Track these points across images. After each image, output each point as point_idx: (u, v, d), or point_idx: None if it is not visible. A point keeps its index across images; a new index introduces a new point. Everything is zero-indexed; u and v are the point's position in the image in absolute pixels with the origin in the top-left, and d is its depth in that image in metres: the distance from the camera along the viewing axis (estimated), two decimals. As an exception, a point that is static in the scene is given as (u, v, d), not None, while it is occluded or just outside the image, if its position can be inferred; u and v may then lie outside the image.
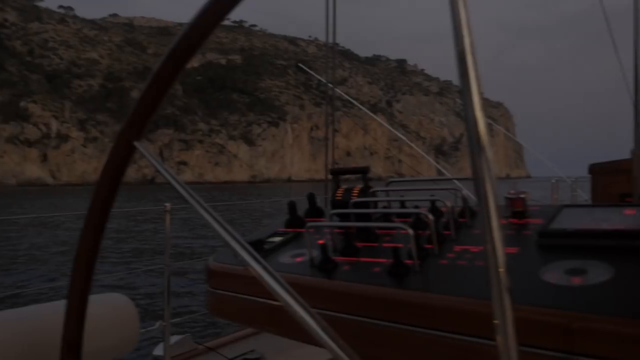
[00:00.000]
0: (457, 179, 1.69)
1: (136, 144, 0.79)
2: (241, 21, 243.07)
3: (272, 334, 1.23)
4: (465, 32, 0.58)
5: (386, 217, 1.42)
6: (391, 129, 7.35)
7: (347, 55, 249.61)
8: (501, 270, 0.61)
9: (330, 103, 6.26)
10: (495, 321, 0.63)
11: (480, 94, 0.60)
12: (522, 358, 0.71)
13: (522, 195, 1.29)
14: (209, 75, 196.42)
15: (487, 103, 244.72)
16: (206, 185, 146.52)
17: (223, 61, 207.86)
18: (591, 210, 1.19)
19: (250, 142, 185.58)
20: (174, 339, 3.48)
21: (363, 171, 1.52)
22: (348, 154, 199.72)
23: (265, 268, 0.75)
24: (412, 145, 7.60)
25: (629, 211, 1.14)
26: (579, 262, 0.95)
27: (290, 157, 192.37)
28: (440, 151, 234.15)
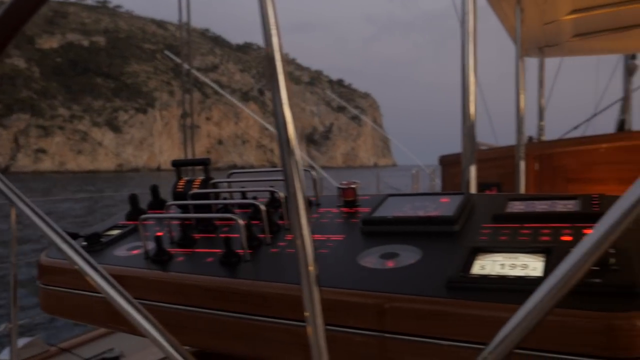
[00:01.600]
0: None
1: None
2: (105, 1, 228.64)
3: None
4: (273, 32, 0.60)
5: (226, 208, 1.42)
6: (256, 117, 7.96)
7: (219, 41, 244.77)
8: (311, 268, 0.67)
9: (187, 91, 6.61)
10: (306, 313, 0.69)
11: (291, 95, 0.63)
12: (341, 339, 0.86)
13: (353, 186, 1.33)
14: (69, 57, 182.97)
15: (355, 94, 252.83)
16: (67, 175, 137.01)
17: (85, 43, 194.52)
18: (412, 198, 1.25)
19: (116, 129, 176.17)
20: (22, 341, 3.23)
21: (204, 162, 1.51)
22: (220, 142, 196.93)
23: (87, 261, 0.79)
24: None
25: (444, 199, 1.20)
26: (393, 246, 1.02)
27: (159, 145, 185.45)
28: (311, 140, 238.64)
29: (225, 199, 1.46)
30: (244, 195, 1.45)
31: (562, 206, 1.11)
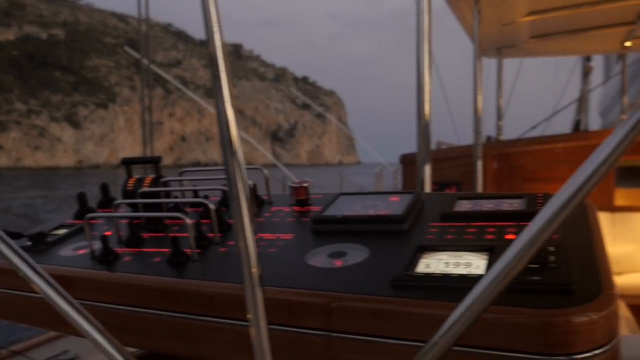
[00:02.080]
0: (249, 168, 1.58)
1: None
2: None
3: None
4: (215, 29, 0.60)
5: (178, 207, 1.40)
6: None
7: (182, 36, 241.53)
8: (254, 270, 0.67)
9: (147, 87, 6.57)
10: (249, 315, 0.68)
11: (233, 94, 0.61)
12: (288, 338, 0.85)
13: (305, 184, 1.32)
14: (26, 50, 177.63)
15: (320, 91, 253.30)
16: (25, 171, 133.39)
17: (44, 35, 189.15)
18: (364, 197, 1.26)
19: (75, 124, 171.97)
20: None
21: (154, 161, 1.49)
22: (183, 139, 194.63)
23: (25, 261, 0.78)
24: (242, 132, 8.56)
25: (394, 198, 1.21)
26: (342, 245, 1.02)
27: (121, 141, 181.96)
28: (276, 137, 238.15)
29: (177, 197, 1.45)
30: (195, 193, 1.42)
31: (508, 205, 1.13)
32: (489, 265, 0.86)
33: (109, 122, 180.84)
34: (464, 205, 1.16)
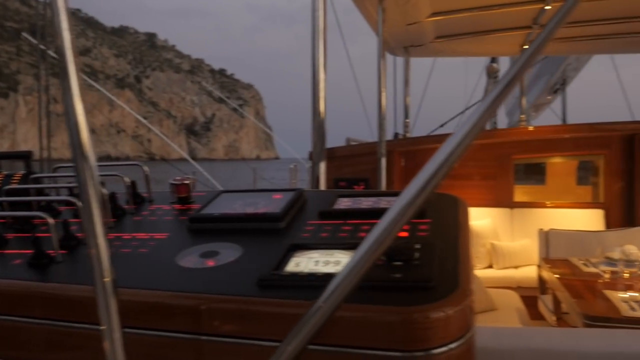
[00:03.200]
0: (126, 164, 1.52)
1: None
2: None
3: None
4: (64, 25, 0.55)
5: (50, 205, 1.34)
6: (128, 109, 7.80)
7: (92, 23, 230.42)
8: (106, 279, 0.63)
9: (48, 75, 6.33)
10: (103, 327, 0.65)
11: (84, 95, 0.57)
12: (155, 343, 0.82)
13: (186, 182, 1.29)
14: None
15: (238, 84, 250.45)
16: None
17: None
18: (246, 195, 1.24)
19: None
20: None
21: (24, 156, 1.43)
22: (92, 131, 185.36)
23: None
24: (151, 127, 8.27)
25: (277, 196, 1.20)
26: (216, 245, 1.00)
27: (23, 132, 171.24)
28: (191, 131, 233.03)
29: (48, 194, 1.40)
30: (71, 191, 1.36)
31: (385, 203, 1.14)
32: None
33: (10, 112, 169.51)
34: (343, 203, 1.16)
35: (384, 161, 3.63)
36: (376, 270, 0.81)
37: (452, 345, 0.72)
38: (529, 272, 4.84)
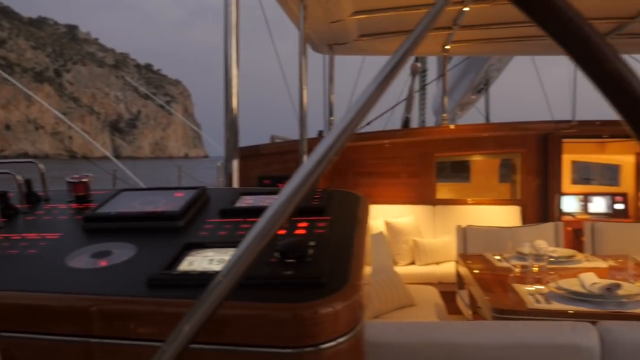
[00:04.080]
0: (21, 162, 1.48)
1: None
2: None
3: None
4: None
5: None
6: (46, 104, 7.45)
7: (7, 13, 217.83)
8: None
9: None
10: None
11: None
12: (43, 347, 0.79)
13: (84, 180, 1.27)
14: None
15: (165, 80, 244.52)
16: None
17: None
18: (146, 193, 1.22)
19: None
20: None
21: None
22: (8, 127, 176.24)
23: None
24: (71, 124, 7.93)
25: (179, 194, 1.18)
26: (110, 244, 0.97)
27: None
28: (116, 128, 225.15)
29: None
30: None
31: None
32: None
33: None
34: (245, 201, 1.16)
35: (305, 158, 3.66)
36: (269, 267, 0.82)
37: (341, 340, 0.74)
38: (449, 268, 4.96)
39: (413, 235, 5.45)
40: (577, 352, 1.71)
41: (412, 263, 5.41)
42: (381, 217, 5.46)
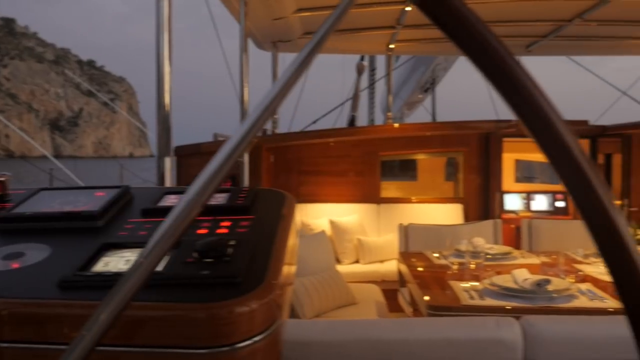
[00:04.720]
0: None
1: None
2: None
3: None
4: None
5: None
6: None
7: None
8: None
9: None
10: None
11: None
12: None
13: (1, 179, 1.23)
14: None
15: (109, 77, 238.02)
16: None
17: None
18: (67, 193, 1.20)
19: None
20: None
21: None
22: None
23: None
24: (6, 122, 7.58)
25: (100, 193, 1.16)
26: (23, 246, 0.95)
27: None
28: (56, 126, 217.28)
29: None
30: None
31: (214, 199, 1.12)
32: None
33: None
34: (169, 201, 1.14)
35: (246, 157, 3.60)
36: (186, 267, 0.82)
37: (257, 339, 0.74)
38: (392, 266, 5.00)
39: (357, 234, 5.47)
40: (500, 345, 1.76)
41: (357, 262, 5.43)
42: (326, 215, 5.46)
